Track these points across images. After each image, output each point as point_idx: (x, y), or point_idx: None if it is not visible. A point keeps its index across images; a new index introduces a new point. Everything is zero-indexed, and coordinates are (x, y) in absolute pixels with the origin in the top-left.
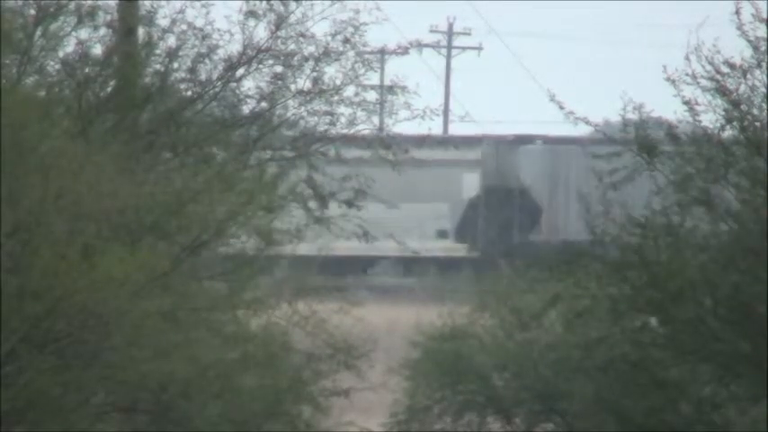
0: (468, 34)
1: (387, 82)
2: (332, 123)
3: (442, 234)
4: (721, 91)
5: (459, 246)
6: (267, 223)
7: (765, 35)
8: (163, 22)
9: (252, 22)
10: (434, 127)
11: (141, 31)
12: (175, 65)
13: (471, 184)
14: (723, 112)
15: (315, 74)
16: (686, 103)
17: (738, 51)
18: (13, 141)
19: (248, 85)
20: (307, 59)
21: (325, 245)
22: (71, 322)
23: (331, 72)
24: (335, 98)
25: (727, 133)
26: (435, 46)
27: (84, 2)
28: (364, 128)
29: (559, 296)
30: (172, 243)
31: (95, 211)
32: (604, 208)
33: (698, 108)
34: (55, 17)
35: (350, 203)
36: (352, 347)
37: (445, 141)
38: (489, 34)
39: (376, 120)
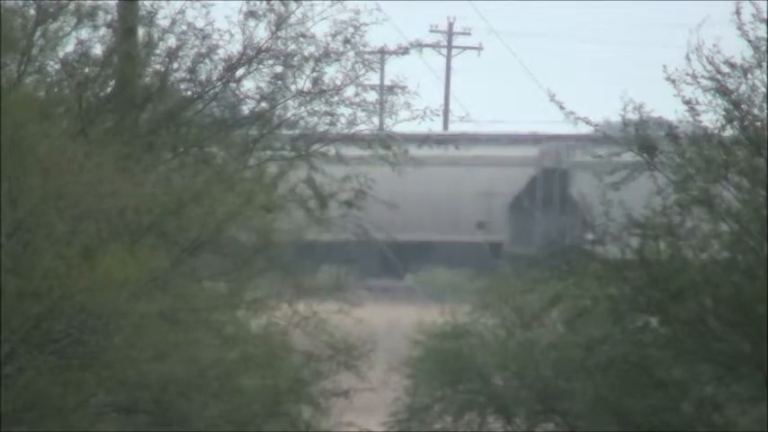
0: (468, 34)
1: (387, 82)
2: (332, 123)
3: None
4: (722, 91)
5: None
6: (267, 223)
7: (765, 35)
8: (163, 22)
9: (252, 23)
10: (434, 127)
11: (141, 31)
12: (175, 65)
13: None
14: (723, 112)
15: (315, 74)
16: (686, 102)
17: (738, 51)
18: (13, 141)
19: (248, 86)
20: (307, 60)
21: None
22: (71, 323)
23: (331, 72)
24: (336, 98)
25: (728, 133)
26: (435, 46)
27: (84, 2)
28: (364, 128)
29: (560, 296)
30: (171, 243)
31: (95, 212)
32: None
33: (698, 108)
34: (55, 17)
35: (350, 204)
36: (352, 348)
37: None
38: (489, 34)
39: (376, 120)
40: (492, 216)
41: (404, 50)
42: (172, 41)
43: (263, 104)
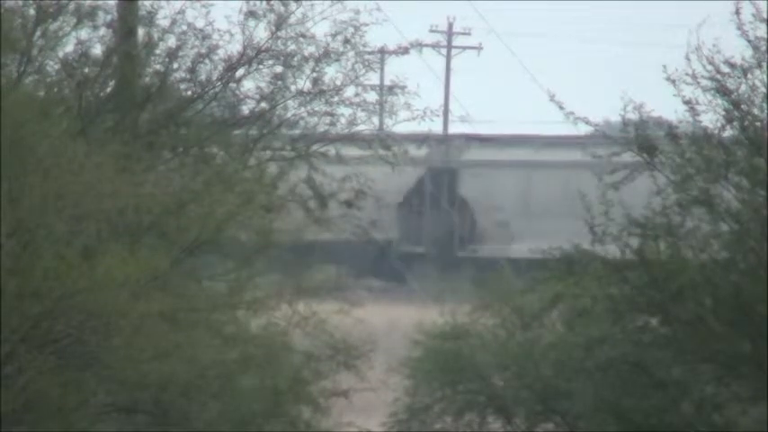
0: (468, 34)
1: (387, 82)
2: (332, 124)
3: None
4: (721, 91)
5: None
6: (267, 223)
7: (765, 35)
8: (163, 22)
9: (252, 23)
10: (434, 127)
11: (141, 32)
12: (175, 65)
13: None
14: (723, 112)
15: (315, 74)
16: (686, 103)
17: (738, 51)
18: (13, 141)
19: (248, 86)
20: (307, 60)
21: None
22: (71, 323)
23: (331, 72)
24: (336, 99)
25: (728, 133)
26: (435, 46)
27: (84, 2)
28: (364, 128)
29: (560, 296)
30: (171, 243)
31: (95, 212)
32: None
33: (698, 108)
34: (55, 17)
35: (349, 204)
36: (352, 348)
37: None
38: (489, 34)
39: (376, 120)
40: (381, 215)
41: (404, 50)
42: (172, 41)
43: (263, 104)
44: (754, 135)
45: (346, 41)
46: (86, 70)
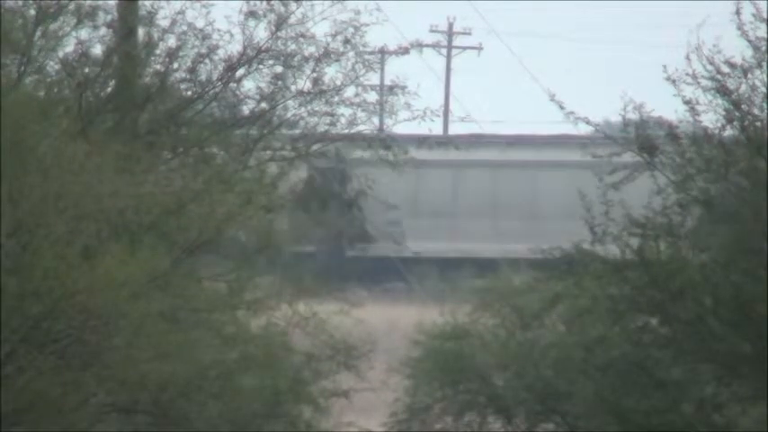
0: (469, 34)
1: (387, 82)
2: (332, 124)
3: None
4: (722, 91)
5: None
6: (267, 223)
7: (765, 35)
8: (163, 22)
9: (252, 23)
10: (434, 128)
11: (141, 32)
12: (175, 65)
13: None
14: (723, 112)
15: (315, 74)
16: (686, 103)
17: (739, 51)
18: (13, 141)
19: (248, 86)
20: (307, 60)
21: None
22: (71, 323)
23: (331, 73)
24: (336, 99)
25: (728, 133)
26: (435, 46)
27: (84, 2)
28: (364, 128)
29: (560, 296)
30: (171, 243)
31: (95, 212)
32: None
33: (698, 108)
34: (55, 17)
35: (350, 204)
36: (352, 348)
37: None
38: (489, 34)
39: (376, 120)
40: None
41: (404, 50)
42: (172, 41)
43: (263, 105)
44: (754, 135)
45: (346, 41)
46: (86, 70)
